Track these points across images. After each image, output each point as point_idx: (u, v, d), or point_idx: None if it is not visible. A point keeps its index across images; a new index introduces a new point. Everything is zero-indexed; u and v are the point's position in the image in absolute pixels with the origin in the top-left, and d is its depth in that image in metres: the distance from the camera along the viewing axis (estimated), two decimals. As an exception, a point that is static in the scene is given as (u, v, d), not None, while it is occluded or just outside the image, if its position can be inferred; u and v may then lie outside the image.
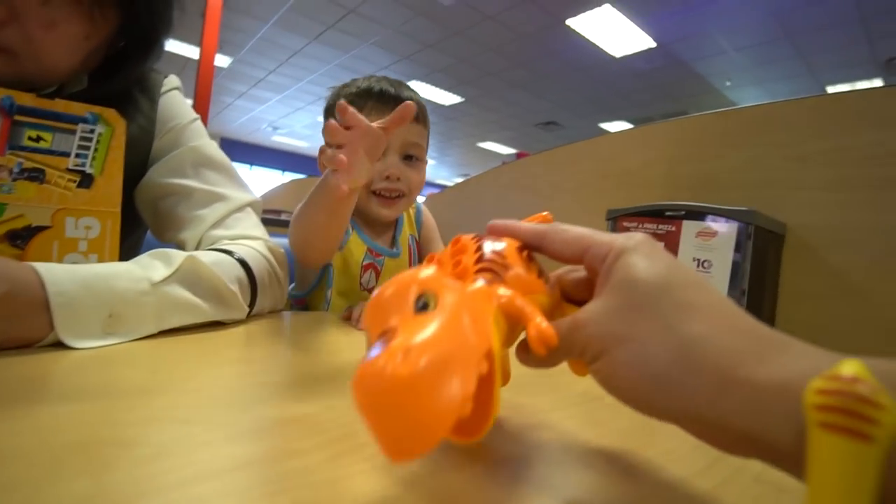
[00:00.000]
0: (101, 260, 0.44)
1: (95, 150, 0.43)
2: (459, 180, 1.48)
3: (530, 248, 0.26)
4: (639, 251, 0.21)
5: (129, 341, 0.36)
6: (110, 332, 0.35)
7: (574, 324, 0.21)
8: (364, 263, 0.70)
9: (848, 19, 3.44)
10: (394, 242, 0.75)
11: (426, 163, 0.74)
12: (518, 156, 6.53)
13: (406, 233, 0.78)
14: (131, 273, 0.37)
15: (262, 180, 9.62)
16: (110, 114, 0.44)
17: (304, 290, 0.70)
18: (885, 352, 0.61)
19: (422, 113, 0.70)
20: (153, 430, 0.22)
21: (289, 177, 9.07)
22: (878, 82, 4.33)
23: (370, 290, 0.70)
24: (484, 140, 7.89)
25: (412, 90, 0.71)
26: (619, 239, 0.22)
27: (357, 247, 0.69)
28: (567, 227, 0.25)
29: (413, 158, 0.70)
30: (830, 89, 4.63)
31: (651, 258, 0.21)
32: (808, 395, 0.13)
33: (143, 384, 0.28)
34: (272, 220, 2.60)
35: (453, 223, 0.83)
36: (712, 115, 0.83)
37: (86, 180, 0.43)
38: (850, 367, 0.12)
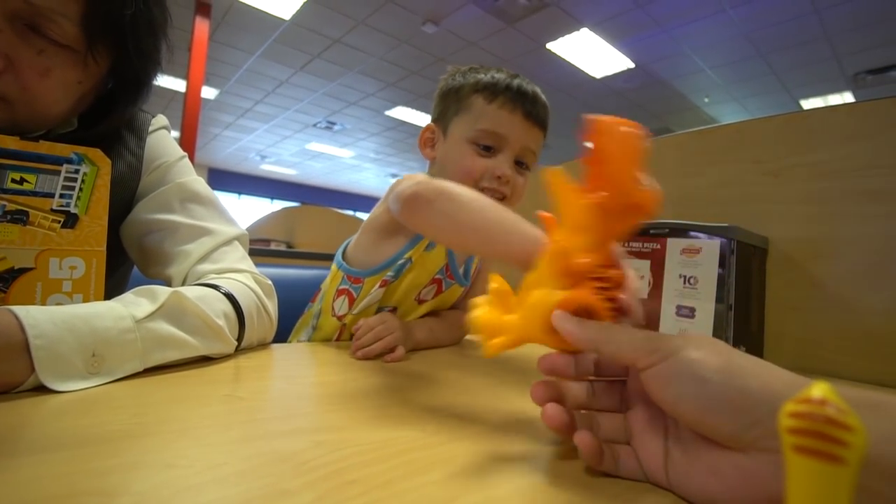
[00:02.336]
0: (86, 299, 0.43)
1: (80, 189, 0.43)
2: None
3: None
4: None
5: (114, 381, 0.36)
6: (94, 372, 0.35)
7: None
8: (435, 276, 0.65)
9: (814, 38, 3.59)
10: (466, 270, 0.71)
11: (531, 172, 0.70)
12: (505, 176, 6.59)
13: (476, 262, 0.75)
14: (114, 311, 0.37)
15: (250, 209, 9.61)
16: (95, 153, 0.44)
17: (370, 268, 0.63)
18: (868, 362, 0.62)
19: (547, 119, 0.67)
20: (136, 476, 0.22)
21: (278, 205, 9.08)
22: (848, 95, 4.49)
23: (420, 302, 0.66)
24: (471, 162, 7.99)
25: (544, 96, 0.68)
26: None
27: (439, 257, 0.64)
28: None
29: (523, 165, 0.66)
30: (804, 104, 4.80)
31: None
32: (781, 418, 0.13)
33: (126, 427, 0.28)
34: (261, 251, 2.58)
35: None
36: (690, 133, 0.85)
37: (70, 220, 0.43)
38: (819, 390, 0.13)
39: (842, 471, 0.12)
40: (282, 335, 0.82)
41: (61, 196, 0.42)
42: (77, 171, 0.43)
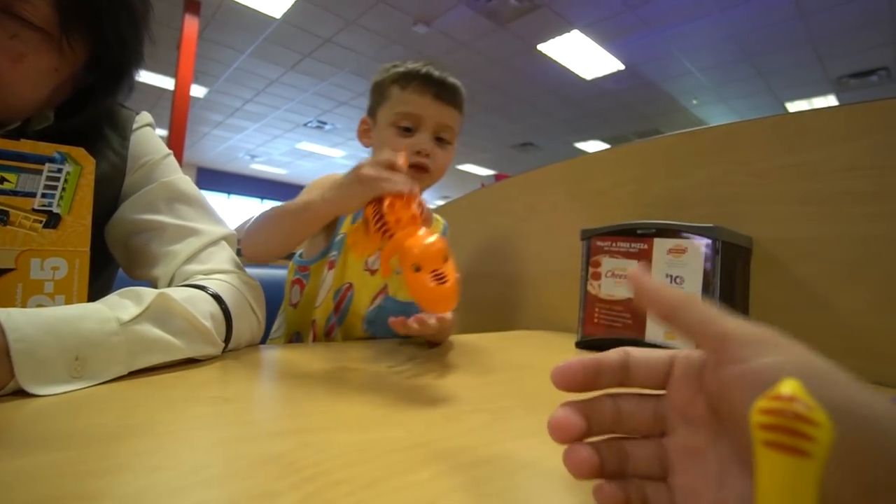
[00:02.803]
0: (68, 301, 0.43)
1: (63, 189, 0.43)
2: (441, 203, 1.49)
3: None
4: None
5: (99, 384, 0.35)
6: (77, 376, 0.34)
7: None
8: None
9: (798, 41, 3.65)
10: None
11: (454, 148, 0.79)
12: (497, 177, 6.63)
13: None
14: (98, 313, 0.37)
15: (240, 209, 9.53)
16: (78, 153, 0.44)
17: (313, 256, 0.74)
18: (849, 359, 0.63)
19: (459, 98, 0.76)
20: (121, 480, 0.22)
21: (268, 204, 8.95)
22: (831, 98, 4.57)
23: (372, 272, 0.75)
24: (463, 163, 8.00)
25: (454, 77, 0.77)
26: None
27: None
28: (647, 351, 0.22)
29: (443, 141, 0.75)
30: (790, 106, 4.87)
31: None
32: (753, 414, 0.13)
33: (111, 430, 0.28)
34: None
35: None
36: (678, 135, 0.86)
37: (52, 220, 0.42)
38: (788, 387, 0.13)
39: (808, 464, 0.12)
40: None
41: (43, 195, 0.41)
42: (60, 171, 0.42)
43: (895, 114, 0.62)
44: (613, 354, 0.23)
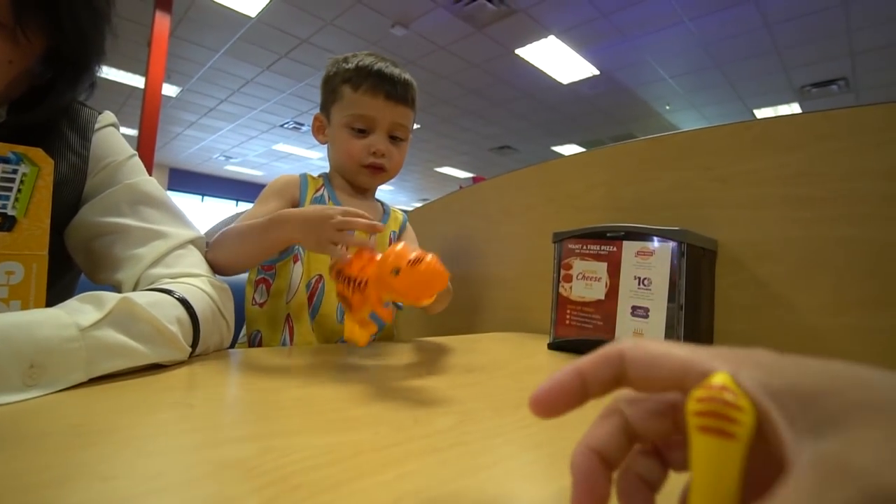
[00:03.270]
0: (25, 307, 0.41)
1: (19, 191, 0.41)
2: (418, 205, 1.49)
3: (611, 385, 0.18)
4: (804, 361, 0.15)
5: (55, 392, 0.34)
6: (32, 384, 0.33)
7: None
8: None
9: (765, 50, 3.80)
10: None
11: (408, 143, 0.80)
12: (474, 180, 6.66)
13: (389, 228, 0.83)
14: (56, 319, 0.35)
15: (214, 211, 9.32)
16: (36, 153, 0.42)
17: (276, 256, 0.73)
18: (807, 355, 0.66)
19: (411, 95, 0.76)
20: (70, 490, 0.21)
21: (243, 207, 8.83)
22: (795, 106, 4.76)
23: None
24: (441, 165, 8.02)
25: (405, 71, 0.77)
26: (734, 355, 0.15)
27: None
28: (647, 347, 0.17)
29: (397, 139, 0.77)
30: (758, 113, 5.05)
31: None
32: (688, 403, 0.15)
33: (64, 439, 0.27)
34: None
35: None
36: (646, 140, 0.88)
37: (7, 223, 0.41)
38: (719, 378, 0.14)
39: (735, 445, 0.13)
40: (241, 340, 0.80)
41: (-3, 198, 0.40)
42: (15, 172, 0.41)
43: (844, 124, 0.65)
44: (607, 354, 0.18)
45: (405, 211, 1.00)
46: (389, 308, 0.50)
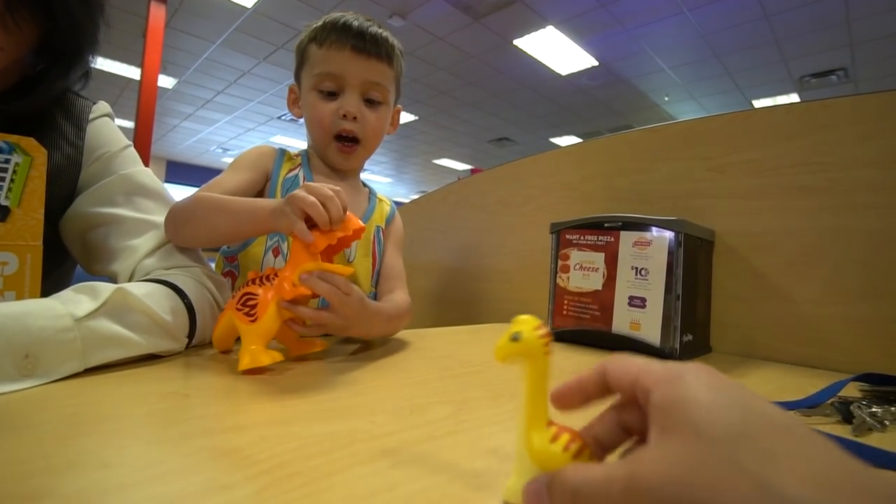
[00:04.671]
0: (19, 297, 0.41)
1: (12, 181, 0.41)
2: (416, 197, 1.48)
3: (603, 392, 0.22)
4: (696, 382, 0.18)
5: (50, 382, 0.34)
6: (27, 374, 0.33)
7: (632, 480, 0.16)
8: None
9: (764, 42, 3.77)
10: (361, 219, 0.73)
11: (391, 109, 0.70)
12: (473, 171, 6.63)
13: (374, 223, 0.74)
14: (51, 310, 0.35)
15: (212, 203, 9.29)
16: (28, 143, 0.42)
17: (236, 246, 0.67)
18: (800, 346, 0.66)
19: (385, 50, 0.65)
20: (65, 478, 0.21)
21: (241, 199, 8.78)
22: (794, 97, 4.74)
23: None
24: (439, 157, 7.98)
25: (382, 27, 0.67)
26: (668, 368, 0.19)
27: None
28: (617, 361, 0.21)
29: (374, 102, 0.67)
30: (756, 104, 5.03)
31: (717, 391, 0.17)
32: (532, 338, 0.21)
33: (61, 428, 0.27)
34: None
35: (406, 241, 0.83)
36: (643, 130, 0.88)
37: (0, 213, 0.40)
38: (524, 318, 0.22)
39: (546, 360, 0.22)
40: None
41: (-11, 188, 0.39)
42: (7, 161, 0.40)
43: (842, 113, 0.65)
44: (592, 373, 0.22)
45: (400, 203, 0.95)
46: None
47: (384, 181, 9.89)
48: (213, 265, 0.63)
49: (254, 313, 0.44)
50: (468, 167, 8.35)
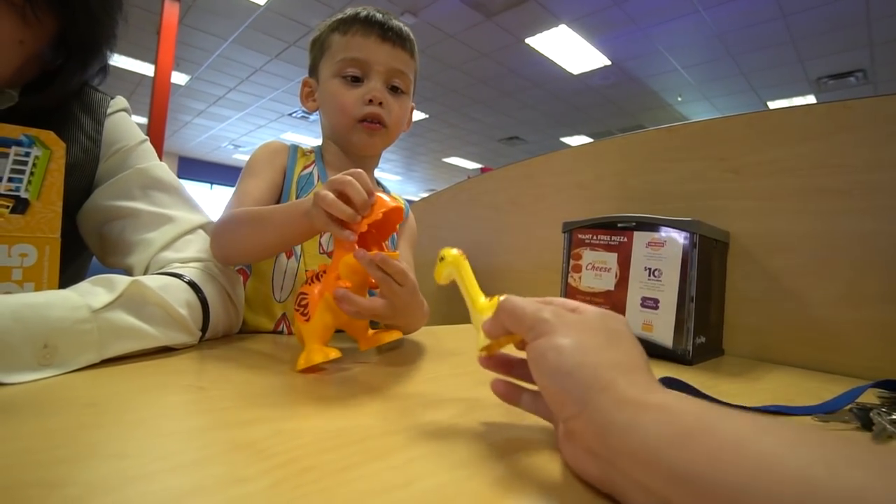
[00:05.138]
0: (38, 288, 0.42)
1: (31, 173, 0.42)
2: (426, 195, 1.49)
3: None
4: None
5: (69, 372, 0.35)
6: (45, 364, 0.33)
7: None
8: None
9: (781, 41, 3.71)
10: None
11: (411, 99, 0.70)
12: (482, 170, 6.61)
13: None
14: (68, 301, 0.36)
15: (224, 199, 9.37)
16: (48, 136, 0.43)
17: (230, 265, 0.64)
18: (814, 350, 0.65)
19: (409, 41, 0.67)
20: (84, 467, 0.21)
21: (252, 195, 8.85)
22: (810, 98, 4.67)
23: (329, 254, 0.66)
24: (449, 156, 7.98)
25: (401, 21, 0.68)
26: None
27: None
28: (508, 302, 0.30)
29: (398, 91, 0.67)
30: (771, 105, 4.96)
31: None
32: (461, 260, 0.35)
33: (77, 419, 0.27)
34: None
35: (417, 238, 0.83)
36: (658, 130, 0.87)
37: (20, 205, 0.41)
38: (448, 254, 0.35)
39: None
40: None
41: (10, 180, 0.40)
42: (27, 154, 0.41)
43: (863, 114, 0.64)
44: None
45: (410, 201, 0.94)
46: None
47: (394, 179, 9.91)
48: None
49: (307, 312, 0.43)
50: (478, 166, 8.33)
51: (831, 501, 0.14)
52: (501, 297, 0.30)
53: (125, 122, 0.60)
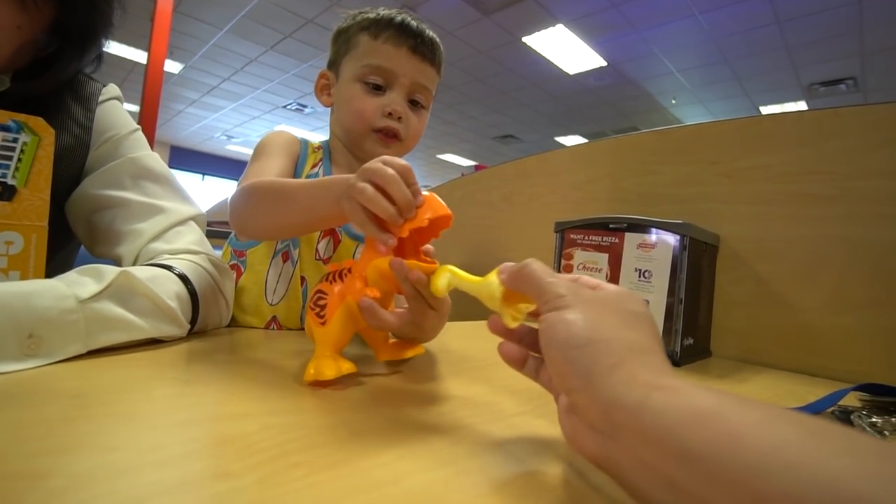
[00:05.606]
0: (23, 277, 0.41)
1: (19, 160, 0.41)
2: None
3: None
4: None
5: (56, 363, 0.34)
6: (30, 354, 0.33)
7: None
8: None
9: (775, 47, 3.75)
10: None
11: (429, 113, 0.69)
12: (477, 168, 6.61)
13: None
14: (55, 290, 0.35)
15: (215, 190, 9.28)
16: (37, 122, 0.42)
17: (249, 240, 0.63)
18: (801, 354, 0.66)
19: (438, 56, 0.66)
20: (72, 459, 0.21)
21: (244, 187, 8.76)
22: (802, 104, 4.72)
23: (325, 261, 0.64)
24: (443, 152, 7.96)
25: (433, 32, 0.66)
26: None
27: None
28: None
29: (418, 105, 0.66)
30: (764, 110, 5.01)
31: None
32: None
33: (65, 410, 0.27)
34: (224, 233, 2.49)
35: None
36: (651, 133, 0.88)
37: (7, 192, 0.40)
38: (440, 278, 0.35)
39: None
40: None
41: (-3, 166, 0.39)
42: (15, 140, 0.40)
43: (851, 122, 0.65)
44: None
45: None
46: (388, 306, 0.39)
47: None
48: (220, 253, 0.62)
49: (324, 315, 0.38)
50: (472, 163, 8.33)
51: (854, 486, 0.14)
52: (527, 260, 0.29)
53: (117, 111, 0.59)
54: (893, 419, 0.41)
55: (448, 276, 0.35)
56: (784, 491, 0.15)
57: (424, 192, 0.38)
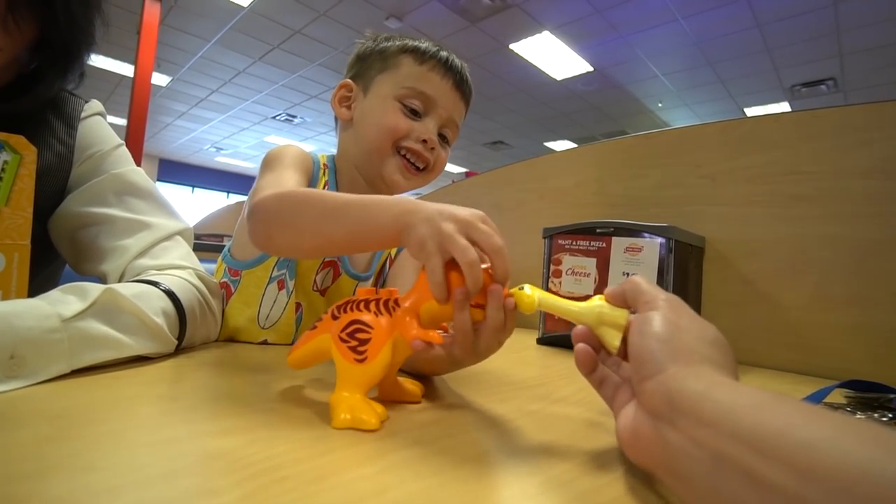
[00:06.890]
0: (6, 297, 0.41)
1: (0, 178, 0.41)
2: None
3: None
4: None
5: (38, 383, 0.34)
6: (12, 375, 0.33)
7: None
8: (326, 259, 0.63)
9: (756, 50, 3.82)
10: (370, 261, 0.68)
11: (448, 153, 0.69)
12: (467, 175, 6.63)
13: (385, 254, 0.70)
14: (37, 310, 0.35)
15: (205, 203, 9.23)
16: (18, 140, 0.42)
17: (245, 259, 0.61)
18: (788, 352, 0.67)
19: (471, 98, 0.67)
20: (51, 481, 0.21)
21: (234, 199, 8.75)
22: (785, 105, 4.81)
23: (322, 292, 0.63)
24: (435, 159, 7.98)
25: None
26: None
27: None
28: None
29: (444, 140, 0.65)
30: (748, 112, 5.09)
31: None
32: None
33: (45, 431, 0.27)
34: (215, 246, 2.47)
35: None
36: (636, 137, 0.89)
37: (-12, 212, 0.40)
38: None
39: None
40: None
41: (-23, 186, 0.39)
42: (-4, 160, 0.40)
43: (830, 123, 0.66)
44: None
45: None
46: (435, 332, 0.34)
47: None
48: (212, 268, 0.62)
49: (364, 351, 0.33)
50: (463, 170, 8.36)
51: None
52: (630, 276, 0.34)
53: (100, 127, 0.59)
54: (877, 415, 0.42)
55: (538, 296, 0.36)
56: (832, 464, 0.16)
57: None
